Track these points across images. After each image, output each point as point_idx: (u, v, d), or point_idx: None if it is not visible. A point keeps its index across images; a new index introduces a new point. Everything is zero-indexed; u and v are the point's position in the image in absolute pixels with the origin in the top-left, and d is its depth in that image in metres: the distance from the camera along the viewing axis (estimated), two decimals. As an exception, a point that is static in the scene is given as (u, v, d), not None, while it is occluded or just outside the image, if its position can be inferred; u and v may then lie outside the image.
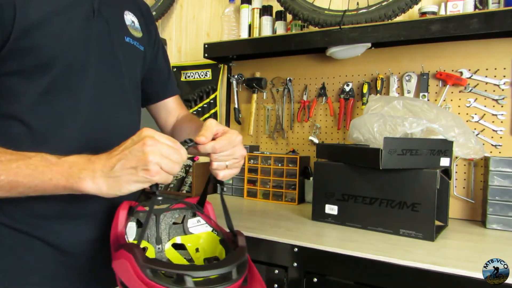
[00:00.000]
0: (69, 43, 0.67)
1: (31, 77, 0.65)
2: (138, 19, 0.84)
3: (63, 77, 0.67)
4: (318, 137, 1.64)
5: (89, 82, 0.70)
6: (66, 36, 0.67)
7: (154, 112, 1.00)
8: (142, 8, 0.89)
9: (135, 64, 0.82)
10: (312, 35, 1.42)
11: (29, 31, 0.62)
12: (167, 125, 1.00)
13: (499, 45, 1.30)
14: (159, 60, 0.94)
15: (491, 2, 1.26)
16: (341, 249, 0.94)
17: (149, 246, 0.72)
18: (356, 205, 1.17)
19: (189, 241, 0.75)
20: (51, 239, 0.69)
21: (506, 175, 1.17)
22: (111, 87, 0.74)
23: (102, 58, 0.72)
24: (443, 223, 1.19)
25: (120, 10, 0.79)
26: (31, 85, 0.65)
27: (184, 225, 0.75)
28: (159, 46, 0.94)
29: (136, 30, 0.82)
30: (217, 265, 0.54)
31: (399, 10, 1.25)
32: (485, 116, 1.33)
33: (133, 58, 0.81)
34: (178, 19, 2.07)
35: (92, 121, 0.71)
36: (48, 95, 0.66)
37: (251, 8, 1.67)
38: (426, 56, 1.42)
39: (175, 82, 1.01)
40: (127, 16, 0.80)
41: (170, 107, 0.99)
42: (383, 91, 1.50)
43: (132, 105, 0.81)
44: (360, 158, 1.14)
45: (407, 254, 0.91)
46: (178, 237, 0.75)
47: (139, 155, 0.54)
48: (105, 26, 0.73)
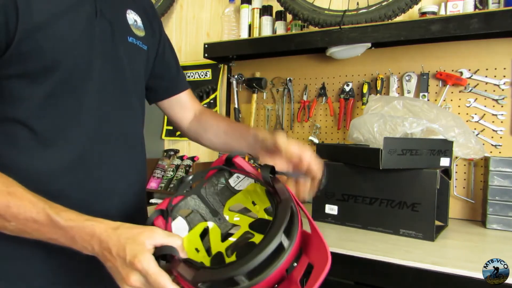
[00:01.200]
0: (73, 45, 0.66)
1: (35, 81, 0.64)
2: (141, 17, 0.83)
3: (66, 80, 0.66)
4: (318, 137, 1.64)
5: (93, 84, 0.69)
6: (70, 39, 0.66)
7: (167, 108, 0.97)
8: (145, 5, 0.87)
9: (138, 64, 0.81)
10: (312, 35, 1.42)
11: (32, 34, 0.62)
12: (183, 121, 0.97)
13: (499, 45, 1.30)
14: (166, 55, 0.92)
15: (491, 2, 1.26)
16: (341, 249, 0.94)
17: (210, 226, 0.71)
18: (356, 205, 1.16)
19: (241, 199, 0.74)
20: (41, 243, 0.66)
21: (506, 175, 1.17)
22: (115, 88, 0.74)
23: (106, 59, 0.72)
24: (443, 223, 1.19)
25: (122, 10, 0.78)
26: (34, 88, 0.64)
27: (229, 186, 0.73)
28: (165, 41, 0.93)
29: (139, 29, 0.81)
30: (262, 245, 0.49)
31: (399, 10, 1.25)
32: (485, 116, 1.33)
33: (137, 58, 0.80)
34: (178, 19, 2.07)
35: (96, 124, 0.70)
36: (52, 99, 0.66)
37: (251, 8, 1.67)
38: (426, 56, 1.42)
39: (185, 77, 0.99)
40: (129, 15, 0.79)
41: (184, 102, 0.96)
42: (383, 91, 1.50)
43: (136, 106, 0.81)
44: (360, 158, 1.14)
45: (407, 254, 0.91)
46: (230, 199, 0.74)
47: (124, 274, 0.53)
48: (108, 26, 0.72)
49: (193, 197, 0.72)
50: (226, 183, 0.73)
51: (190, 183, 0.67)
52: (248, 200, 0.74)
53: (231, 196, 0.74)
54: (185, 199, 0.71)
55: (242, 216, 0.74)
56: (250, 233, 0.74)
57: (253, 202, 0.73)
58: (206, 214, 0.72)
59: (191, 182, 0.67)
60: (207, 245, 0.72)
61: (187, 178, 0.62)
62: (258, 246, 0.49)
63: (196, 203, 0.72)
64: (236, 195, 0.74)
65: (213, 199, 0.73)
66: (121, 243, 0.53)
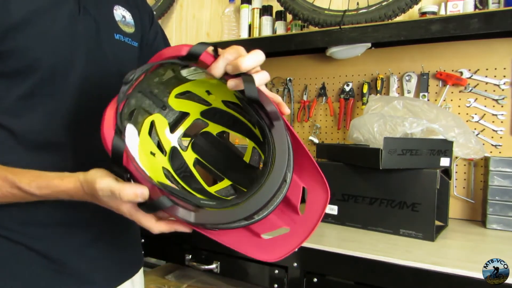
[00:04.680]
0: (53, 44, 0.63)
1: (13, 80, 0.62)
2: (131, 12, 0.80)
3: (47, 80, 0.64)
4: (318, 137, 1.64)
5: (75, 84, 0.67)
6: (50, 37, 0.63)
7: None
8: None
9: (127, 62, 0.78)
10: (312, 35, 1.42)
11: (10, 33, 0.59)
12: None
13: (499, 45, 1.30)
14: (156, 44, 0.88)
15: (491, 2, 1.26)
16: (341, 249, 0.94)
17: (155, 118, 0.65)
18: (356, 205, 1.17)
19: (191, 88, 0.64)
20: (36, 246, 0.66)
21: (506, 175, 1.17)
22: (99, 88, 0.71)
23: (89, 58, 0.69)
24: (443, 223, 1.19)
25: (109, 6, 0.75)
26: (13, 88, 0.62)
27: (178, 76, 0.61)
28: (157, 31, 0.89)
29: (127, 26, 0.78)
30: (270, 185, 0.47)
31: (399, 10, 1.25)
32: (485, 116, 1.33)
33: (125, 56, 0.77)
34: (178, 19, 2.07)
35: (79, 125, 0.68)
36: (31, 99, 0.63)
37: (251, 8, 1.67)
38: (426, 56, 1.42)
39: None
40: (117, 11, 0.76)
41: None
42: (383, 91, 1.50)
43: None
44: (360, 158, 1.14)
45: (407, 254, 0.91)
46: (177, 87, 0.63)
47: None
48: (92, 23, 0.69)
49: (135, 95, 0.60)
50: (177, 73, 0.61)
51: (133, 83, 0.55)
52: (200, 88, 0.64)
53: (180, 85, 0.64)
54: (127, 102, 0.57)
55: (191, 103, 0.66)
56: (202, 121, 0.68)
57: (207, 92, 0.65)
58: (150, 106, 0.63)
59: (133, 81, 0.54)
60: (156, 140, 0.66)
61: (130, 77, 0.52)
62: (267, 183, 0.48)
63: (138, 99, 0.61)
64: (186, 83, 0.64)
65: (157, 89, 0.63)
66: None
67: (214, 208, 0.50)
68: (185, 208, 0.50)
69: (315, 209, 0.54)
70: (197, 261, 1.15)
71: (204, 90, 0.65)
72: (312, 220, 0.54)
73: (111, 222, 0.75)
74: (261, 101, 0.52)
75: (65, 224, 0.69)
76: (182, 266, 1.32)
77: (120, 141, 0.50)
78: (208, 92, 0.65)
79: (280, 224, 0.55)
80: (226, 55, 0.53)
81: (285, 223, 0.55)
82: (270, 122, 0.52)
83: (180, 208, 0.50)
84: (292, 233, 0.54)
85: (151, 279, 1.29)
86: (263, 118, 0.53)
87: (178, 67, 0.59)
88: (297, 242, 0.53)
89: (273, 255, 0.53)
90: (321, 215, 0.54)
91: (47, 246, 0.67)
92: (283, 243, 0.54)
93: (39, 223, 0.67)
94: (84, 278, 0.71)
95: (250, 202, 0.48)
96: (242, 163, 0.68)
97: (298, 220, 0.55)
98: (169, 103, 0.65)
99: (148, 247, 1.25)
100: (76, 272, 0.70)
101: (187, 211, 0.50)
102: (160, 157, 0.65)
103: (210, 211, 0.50)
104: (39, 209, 0.66)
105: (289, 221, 0.55)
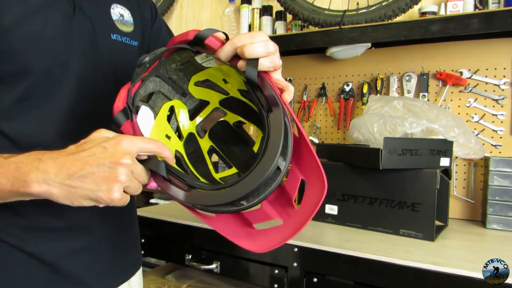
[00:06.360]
0: (47, 45, 0.61)
1: (6, 84, 0.60)
2: (130, 10, 0.78)
3: (41, 83, 0.62)
4: (318, 137, 1.64)
5: (70, 87, 0.65)
6: (43, 38, 0.61)
7: None
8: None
9: (125, 62, 0.75)
10: (312, 35, 1.42)
11: (3, 36, 0.57)
12: None
13: (499, 45, 1.30)
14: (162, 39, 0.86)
15: (491, 2, 1.26)
16: (341, 249, 0.94)
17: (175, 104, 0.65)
18: (356, 205, 1.17)
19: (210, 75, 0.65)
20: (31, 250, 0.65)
21: (506, 175, 1.17)
22: (95, 91, 0.68)
23: (85, 60, 0.67)
24: (443, 223, 1.19)
25: (105, 5, 0.73)
26: (5, 92, 0.60)
27: (194, 62, 0.62)
28: (162, 26, 0.87)
29: (125, 25, 0.76)
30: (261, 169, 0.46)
31: (399, 10, 1.25)
32: (485, 116, 1.33)
33: (122, 56, 0.75)
34: (178, 19, 2.07)
35: (73, 129, 0.65)
36: (24, 103, 0.61)
37: (251, 8, 1.67)
38: (426, 56, 1.42)
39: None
40: (114, 10, 0.74)
41: None
42: (383, 91, 1.50)
43: None
44: (360, 158, 1.14)
45: (407, 254, 0.91)
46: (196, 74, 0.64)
47: (108, 175, 0.48)
48: (88, 24, 0.67)
49: (152, 79, 0.61)
50: (192, 60, 0.62)
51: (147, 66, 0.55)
52: (218, 77, 0.65)
53: (198, 72, 0.65)
54: (144, 84, 0.60)
55: (210, 92, 0.66)
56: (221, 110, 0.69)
57: (224, 80, 0.65)
58: (169, 92, 0.64)
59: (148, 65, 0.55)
60: (175, 125, 0.67)
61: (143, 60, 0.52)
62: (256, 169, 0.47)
63: (157, 84, 0.62)
64: (204, 71, 0.64)
65: (176, 75, 0.63)
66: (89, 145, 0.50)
67: (204, 190, 0.51)
68: (179, 187, 0.51)
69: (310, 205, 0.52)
70: (197, 261, 1.15)
71: (222, 79, 0.66)
72: (305, 216, 0.52)
73: (109, 226, 0.74)
74: (260, 85, 0.52)
75: (61, 229, 0.68)
76: (182, 266, 1.32)
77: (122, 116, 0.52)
78: (225, 81, 0.66)
79: (274, 215, 0.54)
80: (234, 39, 0.53)
81: (279, 215, 0.54)
82: (269, 108, 0.52)
83: (172, 185, 0.51)
84: (284, 226, 0.53)
85: (150, 279, 1.29)
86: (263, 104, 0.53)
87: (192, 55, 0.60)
88: (284, 237, 0.52)
89: (260, 246, 0.52)
90: (313, 212, 0.52)
91: (42, 250, 0.66)
92: (273, 235, 0.53)
93: (35, 227, 0.66)
94: (79, 281, 0.70)
95: (238, 187, 0.48)
96: (250, 152, 0.69)
97: (292, 214, 0.54)
98: (189, 90, 0.66)
99: (148, 247, 1.25)
100: (71, 276, 0.69)
101: (178, 190, 0.51)
102: (175, 141, 0.66)
103: (200, 192, 0.50)
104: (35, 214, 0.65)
105: (283, 214, 0.54)
